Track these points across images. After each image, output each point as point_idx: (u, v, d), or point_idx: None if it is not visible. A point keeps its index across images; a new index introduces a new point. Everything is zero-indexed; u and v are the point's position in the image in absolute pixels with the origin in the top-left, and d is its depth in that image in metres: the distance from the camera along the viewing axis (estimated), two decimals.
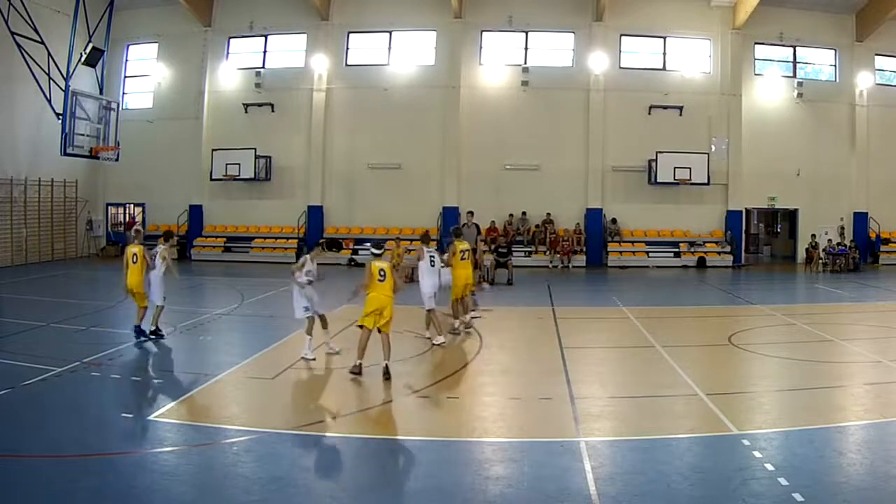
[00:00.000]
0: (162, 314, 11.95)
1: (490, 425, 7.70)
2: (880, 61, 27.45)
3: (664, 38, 27.17)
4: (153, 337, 11.65)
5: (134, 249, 11.74)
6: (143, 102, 28.80)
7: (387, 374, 9.26)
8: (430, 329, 11.90)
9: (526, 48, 27.38)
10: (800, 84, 26.99)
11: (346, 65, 27.79)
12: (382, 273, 9.56)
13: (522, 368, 10.51)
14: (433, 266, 12.04)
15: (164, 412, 7.89)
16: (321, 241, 12.20)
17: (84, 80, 24.17)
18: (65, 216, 26.73)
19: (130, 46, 28.90)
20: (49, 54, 22.16)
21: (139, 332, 11.61)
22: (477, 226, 20.91)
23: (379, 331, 9.47)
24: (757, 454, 6.50)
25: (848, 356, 11.20)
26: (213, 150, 27.29)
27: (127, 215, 30.09)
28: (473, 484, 6.00)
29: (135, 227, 11.73)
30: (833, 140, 27.24)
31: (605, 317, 15.45)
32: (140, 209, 29.49)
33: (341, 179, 27.64)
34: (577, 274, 24.72)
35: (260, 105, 27.71)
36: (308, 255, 10.78)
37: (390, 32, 27.62)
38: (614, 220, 26.91)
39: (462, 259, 12.57)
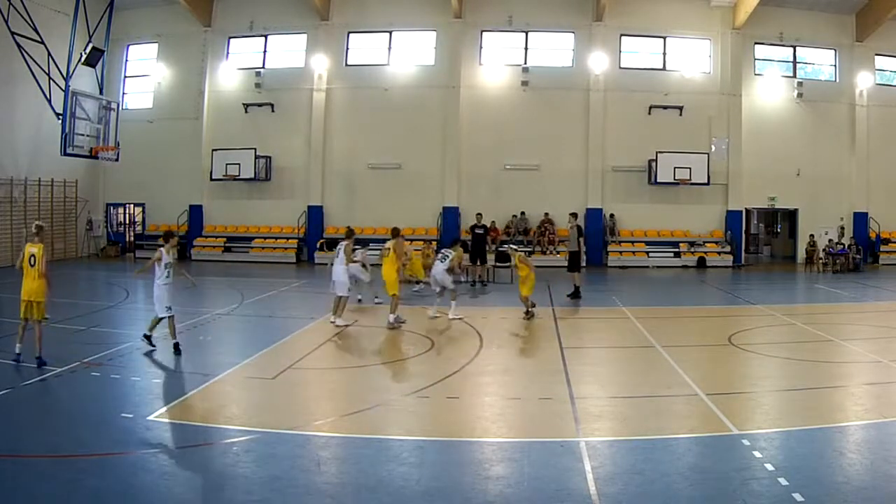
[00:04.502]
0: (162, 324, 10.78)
1: (490, 425, 7.69)
2: (880, 61, 27.46)
3: (664, 38, 27.19)
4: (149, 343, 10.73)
5: (33, 249, 9.61)
6: (143, 102, 28.83)
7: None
8: (337, 313, 13.04)
9: (526, 48, 27.39)
10: (800, 84, 27.02)
11: (346, 65, 27.80)
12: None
13: (522, 368, 10.51)
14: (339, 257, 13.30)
15: (164, 412, 7.88)
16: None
17: (84, 80, 24.18)
18: (65, 216, 26.73)
19: (130, 46, 28.94)
20: (49, 54, 22.16)
21: (41, 362, 9.38)
22: (485, 227, 21.08)
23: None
24: (757, 454, 6.50)
25: (848, 356, 11.19)
26: (213, 150, 27.32)
27: (127, 215, 30.14)
28: (473, 484, 6.00)
29: (36, 223, 9.91)
30: (833, 140, 27.24)
31: (605, 317, 15.45)
32: (140, 209, 29.55)
33: (341, 179, 27.64)
34: None
35: (260, 105, 27.72)
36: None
37: (390, 32, 27.64)
38: (612, 216, 26.93)
39: (385, 256, 13.72)
